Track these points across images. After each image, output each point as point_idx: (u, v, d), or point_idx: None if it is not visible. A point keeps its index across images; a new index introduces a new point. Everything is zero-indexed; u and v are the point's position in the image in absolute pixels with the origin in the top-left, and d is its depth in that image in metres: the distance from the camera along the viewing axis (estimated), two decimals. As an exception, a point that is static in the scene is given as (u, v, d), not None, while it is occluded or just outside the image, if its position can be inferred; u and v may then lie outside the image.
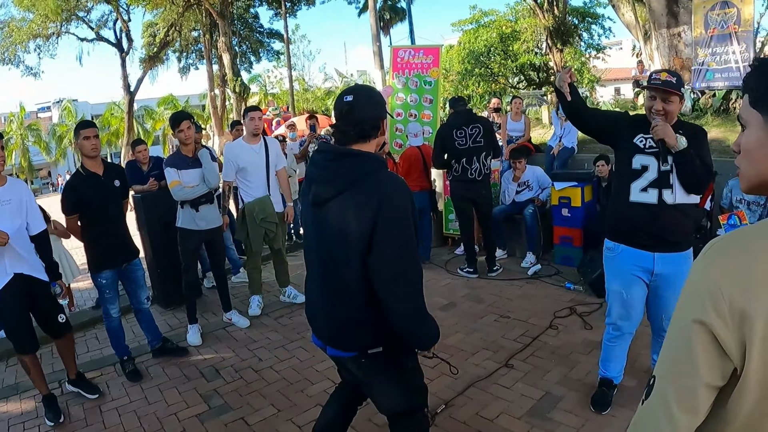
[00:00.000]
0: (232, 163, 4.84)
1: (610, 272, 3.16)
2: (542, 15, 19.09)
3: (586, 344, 4.18)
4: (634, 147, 2.93)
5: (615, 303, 3.15)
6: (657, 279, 2.98)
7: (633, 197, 2.92)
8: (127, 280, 4.17)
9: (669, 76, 2.83)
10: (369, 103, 2.00)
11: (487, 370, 3.87)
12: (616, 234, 3.07)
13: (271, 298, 5.60)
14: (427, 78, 7.15)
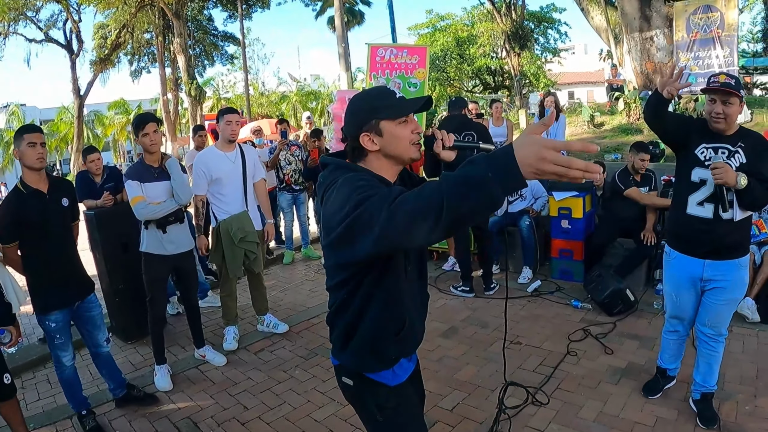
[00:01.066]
0: (204, 173, 4.18)
1: (665, 275, 3.26)
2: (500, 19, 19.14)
3: (612, 372, 3.78)
4: (695, 159, 2.91)
5: (668, 303, 3.27)
6: (706, 284, 3.01)
7: (690, 210, 2.95)
8: (80, 320, 3.45)
9: (728, 78, 2.80)
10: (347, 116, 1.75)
11: (512, 408, 3.37)
12: (673, 240, 3.15)
13: (247, 327, 4.93)
14: (411, 80, 6.65)
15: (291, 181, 6.72)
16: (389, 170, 1.69)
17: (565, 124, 7.10)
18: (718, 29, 7.50)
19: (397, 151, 1.66)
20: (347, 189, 1.45)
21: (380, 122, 1.64)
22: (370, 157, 1.68)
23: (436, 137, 1.77)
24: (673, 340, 3.34)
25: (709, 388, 3.14)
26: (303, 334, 4.76)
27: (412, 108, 1.69)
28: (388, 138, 1.65)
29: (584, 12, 11.11)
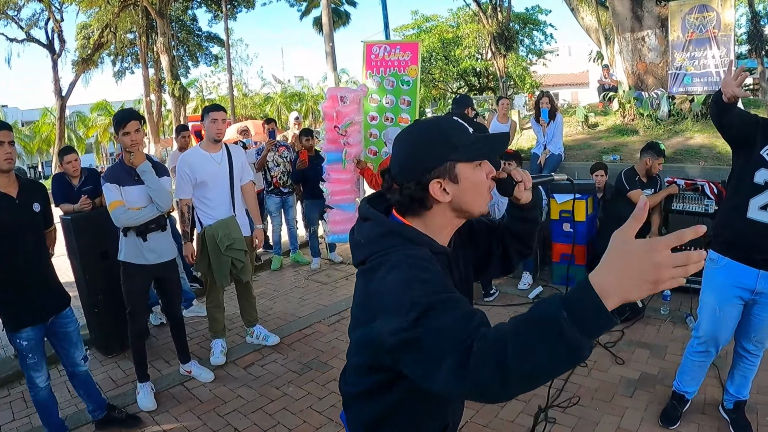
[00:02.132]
0: (188, 176, 3.88)
1: (707, 284, 2.93)
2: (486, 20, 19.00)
3: (626, 384, 3.57)
4: (761, 160, 2.63)
5: (706, 317, 2.92)
6: (757, 297, 2.76)
7: (751, 214, 2.67)
8: (55, 337, 3.14)
9: None
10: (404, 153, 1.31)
11: (524, 427, 3.15)
12: (724, 246, 2.82)
13: (236, 339, 4.64)
14: (404, 77, 6.40)
15: (279, 183, 6.44)
16: (451, 227, 1.34)
17: (562, 123, 6.93)
18: (714, 29, 7.37)
19: (473, 204, 1.28)
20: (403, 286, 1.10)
21: (456, 165, 1.25)
22: (434, 212, 1.29)
23: (516, 179, 1.38)
24: (700, 362, 3.03)
25: (742, 397, 3.01)
26: (295, 346, 4.48)
27: (499, 148, 1.34)
28: (466, 186, 1.26)
29: (574, 12, 10.98)
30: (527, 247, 1.54)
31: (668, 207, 5.22)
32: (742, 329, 2.89)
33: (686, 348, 3.10)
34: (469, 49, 22.73)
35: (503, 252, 1.53)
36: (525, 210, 1.45)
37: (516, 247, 1.52)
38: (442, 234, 1.32)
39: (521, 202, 1.42)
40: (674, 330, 4.35)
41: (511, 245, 1.52)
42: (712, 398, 3.30)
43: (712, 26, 7.37)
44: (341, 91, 5.38)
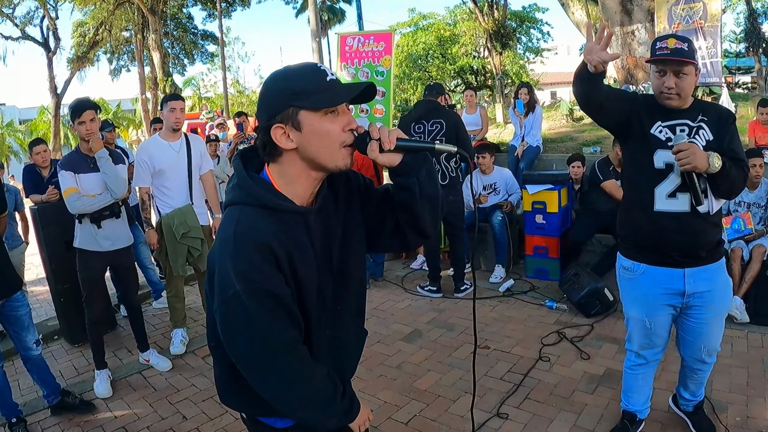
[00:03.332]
0: (147, 164, 3.84)
1: (628, 296, 2.56)
2: (482, 18, 18.97)
3: (588, 380, 3.49)
4: (655, 140, 2.30)
5: (636, 332, 2.58)
6: (691, 300, 2.41)
7: (659, 206, 2.32)
8: (7, 320, 3.16)
9: (679, 43, 2.21)
10: (259, 101, 1.31)
11: (476, 422, 3.08)
12: (635, 251, 2.46)
13: (200, 330, 4.59)
14: (378, 68, 6.35)
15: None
16: (307, 179, 1.29)
17: (541, 116, 6.85)
18: (700, 20, 7.32)
19: (320, 155, 1.24)
20: (234, 276, 1.18)
21: (300, 112, 1.21)
22: (285, 159, 1.26)
23: (372, 136, 1.26)
24: (642, 375, 2.69)
25: (700, 399, 2.81)
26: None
27: (345, 96, 1.24)
28: (309, 135, 1.22)
29: (564, 7, 10.92)
30: (418, 224, 1.39)
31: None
32: (687, 341, 2.58)
33: (624, 364, 2.78)
34: (466, 47, 22.72)
35: (396, 224, 1.42)
36: (395, 175, 1.34)
37: (407, 220, 1.39)
38: (299, 183, 1.28)
39: (381, 163, 1.29)
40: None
41: (402, 218, 1.40)
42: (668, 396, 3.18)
43: (699, 17, 7.32)
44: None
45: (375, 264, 5.74)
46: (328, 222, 1.35)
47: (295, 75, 1.24)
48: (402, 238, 1.45)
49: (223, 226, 1.26)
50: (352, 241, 1.41)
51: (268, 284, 1.19)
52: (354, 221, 1.41)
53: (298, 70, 1.26)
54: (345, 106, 1.26)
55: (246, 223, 1.22)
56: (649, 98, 2.39)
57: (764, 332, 3.97)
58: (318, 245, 1.31)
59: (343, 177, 1.40)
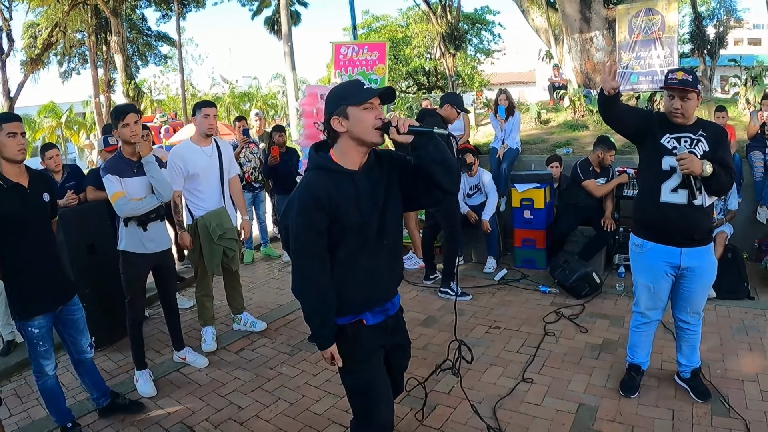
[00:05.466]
0: (180, 168, 4.06)
1: (638, 267, 3.25)
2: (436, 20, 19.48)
3: (590, 348, 4.01)
4: (663, 148, 3.00)
5: (643, 294, 3.24)
6: (684, 272, 3.08)
7: (664, 198, 3.00)
8: (64, 324, 3.24)
9: (685, 75, 2.92)
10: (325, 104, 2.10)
11: (506, 387, 3.50)
12: (645, 231, 3.15)
13: (222, 328, 4.80)
14: (372, 75, 6.72)
15: (251, 178, 6.63)
16: (356, 152, 2.03)
17: (519, 120, 7.35)
18: (659, 31, 8.01)
19: (361, 134, 1.97)
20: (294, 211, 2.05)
21: (347, 108, 1.95)
22: (341, 140, 2.02)
23: (392, 123, 1.96)
24: (645, 332, 3.33)
25: (696, 365, 3.33)
26: (282, 331, 4.71)
27: (372, 94, 1.97)
28: (353, 121, 1.96)
29: (524, 13, 11.53)
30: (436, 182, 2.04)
31: (620, 194, 5.72)
32: (678, 304, 3.22)
33: (630, 323, 3.41)
34: (419, 49, 23.22)
35: (425, 184, 2.07)
36: (411, 149, 2.00)
37: (429, 180, 2.04)
38: (350, 156, 2.04)
39: (399, 141, 1.96)
40: (629, 303, 4.73)
41: (425, 179, 2.05)
42: (668, 356, 3.72)
43: (657, 28, 8.02)
44: (320, 89, 5.62)
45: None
46: (374, 180, 2.07)
47: (344, 87, 2.07)
48: (431, 194, 2.10)
49: (299, 182, 2.11)
50: (393, 193, 2.13)
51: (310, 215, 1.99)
52: (393, 182, 2.12)
53: (347, 84, 2.11)
54: (377, 103, 1.99)
55: (308, 180, 2.04)
56: (661, 115, 3.10)
57: (729, 305, 4.64)
58: (365, 194, 2.04)
59: (388, 155, 2.16)
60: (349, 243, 2.05)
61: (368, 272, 2.11)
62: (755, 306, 4.62)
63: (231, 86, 33.77)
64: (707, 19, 19.08)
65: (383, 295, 2.21)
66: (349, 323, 2.14)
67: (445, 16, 19.37)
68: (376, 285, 2.16)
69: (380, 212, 2.07)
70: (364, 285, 2.12)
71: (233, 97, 32.33)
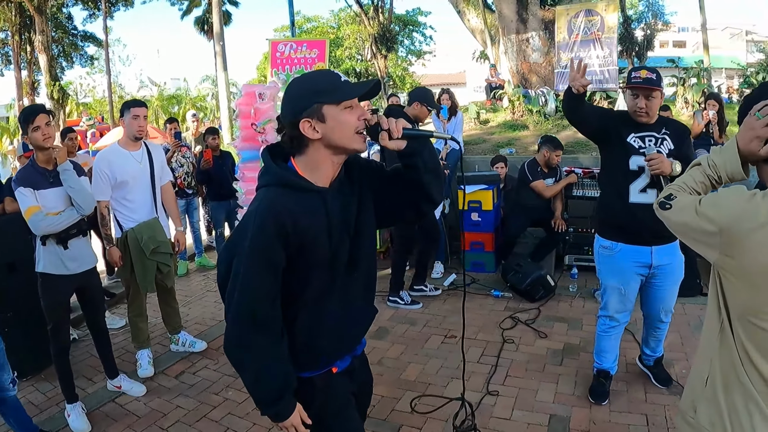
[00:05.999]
0: (107, 176, 3.64)
1: (607, 270, 3.15)
2: (367, 22, 19.41)
3: (553, 354, 3.90)
4: (630, 148, 2.94)
5: (612, 298, 3.15)
6: (656, 271, 3.04)
7: (633, 198, 2.96)
8: None
9: (649, 74, 2.88)
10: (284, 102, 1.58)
11: (472, 402, 3.30)
12: (614, 233, 3.07)
13: (158, 349, 4.38)
14: (311, 75, 6.40)
15: (184, 185, 6.20)
16: (330, 164, 1.57)
17: (462, 121, 7.26)
18: (598, 31, 8.14)
19: (342, 141, 1.52)
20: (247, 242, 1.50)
21: (323, 107, 1.49)
22: (311, 149, 1.54)
23: (383, 126, 1.55)
24: (614, 336, 3.26)
25: (659, 355, 3.38)
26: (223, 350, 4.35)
27: (359, 91, 1.54)
28: (332, 125, 1.50)
29: (460, 14, 11.54)
30: (426, 194, 1.68)
31: (569, 194, 5.67)
32: (650, 304, 3.18)
33: (597, 328, 3.31)
34: (350, 50, 23.13)
35: (409, 197, 1.70)
36: (402, 157, 1.62)
37: (417, 193, 1.68)
38: (322, 169, 1.57)
39: (391, 149, 1.56)
40: (585, 304, 4.78)
41: (412, 192, 1.68)
42: (632, 358, 3.66)
43: (597, 29, 8.15)
44: (258, 87, 5.26)
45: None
46: (345, 199, 1.62)
47: (316, 78, 1.59)
48: (416, 207, 1.74)
49: (251, 203, 1.57)
50: (366, 213, 1.68)
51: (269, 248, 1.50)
52: (367, 199, 1.68)
53: (317, 74, 1.61)
54: (356, 100, 1.54)
55: (268, 201, 1.52)
56: (623, 114, 3.05)
57: (683, 302, 4.59)
58: (336, 217, 1.58)
59: (357, 164, 1.69)
60: (316, 282, 1.61)
61: (340, 316, 1.67)
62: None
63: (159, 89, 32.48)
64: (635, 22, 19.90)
65: (358, 338, 1.82)
66: (318, 375, 1.70)
67: (376, 18, 19.31)
68: (349, 328, 1.74)
69: (352, 238, 1.64)
70: (336, 331, 1.67)
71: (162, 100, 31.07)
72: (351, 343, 1.78)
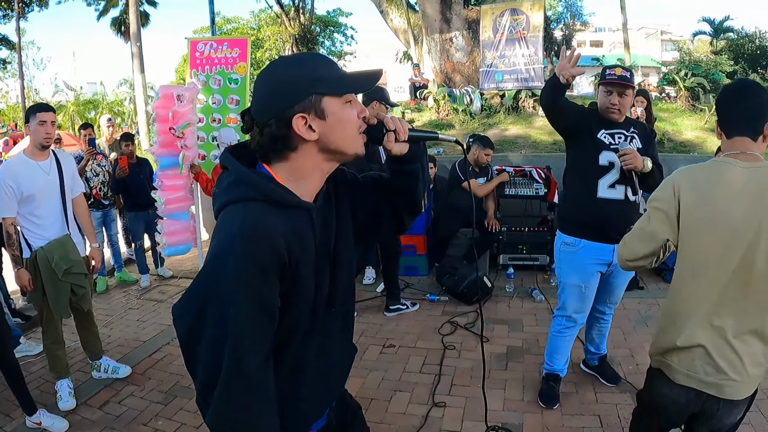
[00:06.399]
0: (13, 190, 3.24)
1: (568, 267, 3.10)
2: (288, 23, 19.09)
3: (497, 359, 3.85)
4: (601, 143, 2.91)
5: (572, 297, 3.11)
6: (613, 269, 3.04)
7: (601, 193, 2.91)
8: None
9: (623, 71, 2.87)
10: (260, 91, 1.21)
11: (419, 416, 3.21)
12: (578, 229, 3.02)
13: (79, 376, 3.96)
14: (232, 75, 6.09)
15: (100, 195, 5.74)
16: (319, 173, 1.25)
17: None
18: (523, 30, 8.27)
19: (342, 143, 1.21)
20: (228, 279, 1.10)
21: (323, 99, 1.17)
22: (299, 153, 1.20)
23: (388, 127, 1.29)
24: (569, 337, 3.21)
25: (603, 352, 3.42)
26: (149, 374, 4.02)
27: (366, 83, 1.25)
28: (333, 123, 1.18)
29: (383, 14, 11.48)
30: (414, 205, 1.48)
31: (501, 193, 5.68)
32: (599, 298, 3.18)
33: (552, 329, 3.25)
34: (271, 52, 22.69)
35: (393, 210, 1.46)
36: (401, 163, 1.38)
37: (404, 203, 1.46)
38: (310, 180, 1.24)
39: (393, 153, 1.33)
40: (523, 304, 4.80)
41: (398, 203, 1.46)
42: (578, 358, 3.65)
43: (522, 28, 8.28)
44: (177, 89, 4.92)
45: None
46: (325, 218, 1.31)
47: (311, 62, 1.21)
48: (398, 220, 1.49)
49: (223, 226, 1.16)
50: (345, 236, 1.38)
51: (263, 281, 1.12)
52: (345, 215, 1.39)
53: (311, 58, 1.23)
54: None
55: (253, 220, 1.12)
56: (594, 110, 3.03)
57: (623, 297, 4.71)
58: (318, 241, 1.26)
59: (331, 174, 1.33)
60: (300, 325, 1.26)
61: (321, 366, 1.35)
62: (646, 296, 4.82)
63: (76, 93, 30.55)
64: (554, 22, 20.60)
65: (338, 388, 1.49)
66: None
67: (297, 19, 19.04)
68: (331, 379, 1.42)
69: (331, 264, 1.31)
70: (317, 384, 1.35)
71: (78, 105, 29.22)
72: (333, 392, 1.46)
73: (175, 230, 5.55)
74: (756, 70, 17.39)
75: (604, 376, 3.39)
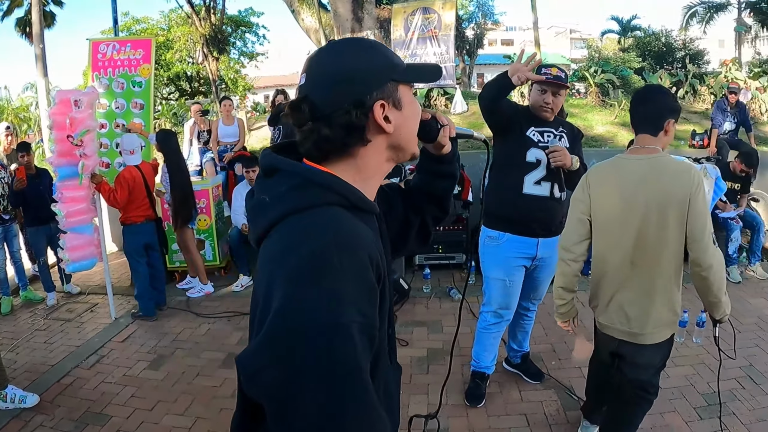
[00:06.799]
0: None
1: (491, 262, 3.12)
2: (199, 23, 18.52)
3: (418, 363, 3.87)
4: (529, 140, 2.95)
5: (497, 292, 3.12)
6: (538, 263, 3.09)
7: (527, 189, 2.96)
8: None
9: (559, 71, 2.93)
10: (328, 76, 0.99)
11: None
12: (502, 223, 3.06)
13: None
14: (136, 78, 5.78)
15: (0, 209, 5.33)
16: (381, 173, 1.09)
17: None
18: (435, 29, 8.34)
19: (410, 139, 1.08)
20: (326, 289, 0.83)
21: (399, 87, 1.02)
22: (370, 150, 1.02)
23: (441, 122, 1.21)
24: (496, 333, 3.23)
25: (526, 350, 3.49)
26: (59, 401, 3.74)
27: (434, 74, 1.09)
28: (408, 115, 1.05)
29: (294, 13, 11.29)
30: (443, 211, 1.38)
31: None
32: (522, 291, 3.19)
33: (478, 326, 3.27)
34: (181, 53, 21.90)
35: (422, 220, 1.35)
36: (445, 163, 1.30)
37: (432, 212, 1.36)
38: (374, 181, 1.08)
39: (443, 152, 1.26)
40: (441, 304, 4.85)
41: (428, 210, 1.35)
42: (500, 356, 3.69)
43: (434, 26, 8.36)
44: (74, 93, 4.58)
45: (158, 292, 5.34)
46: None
47: (382, 46, 1.06)
48: (425, 230, 1.38)
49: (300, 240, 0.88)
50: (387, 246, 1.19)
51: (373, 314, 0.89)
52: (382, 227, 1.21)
53: (378, 43, 1.08)
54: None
55: (348, 227, 0.92)
56: (525, 109, 3.08)
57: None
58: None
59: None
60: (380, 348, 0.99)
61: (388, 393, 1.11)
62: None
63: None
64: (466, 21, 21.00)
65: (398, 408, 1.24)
66: None
67: (208, 19, 18.49)
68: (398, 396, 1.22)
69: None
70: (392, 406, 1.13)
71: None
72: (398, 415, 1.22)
73: (78, 244, 5.20)
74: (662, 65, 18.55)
75: (527, 373, 3.45)
